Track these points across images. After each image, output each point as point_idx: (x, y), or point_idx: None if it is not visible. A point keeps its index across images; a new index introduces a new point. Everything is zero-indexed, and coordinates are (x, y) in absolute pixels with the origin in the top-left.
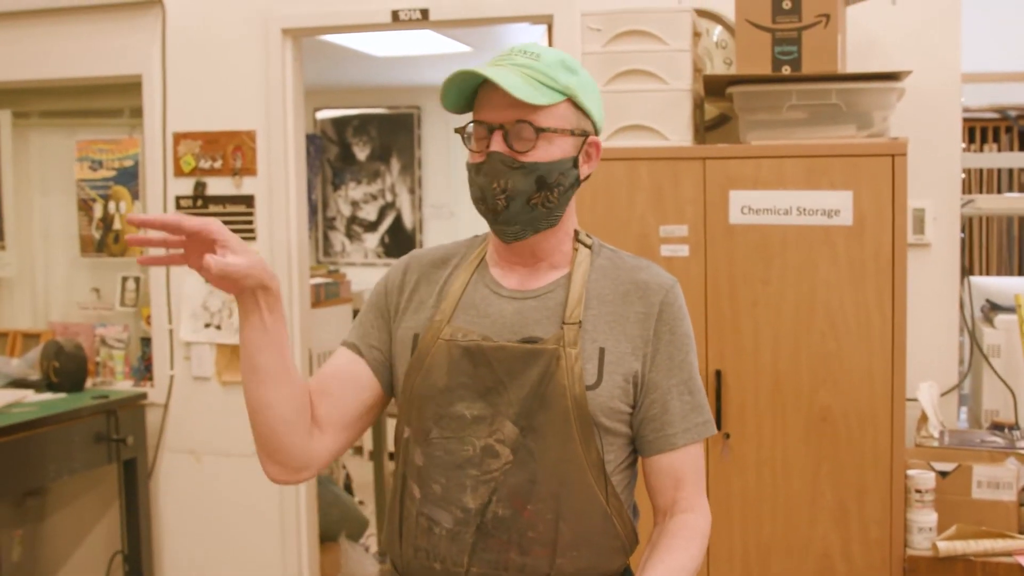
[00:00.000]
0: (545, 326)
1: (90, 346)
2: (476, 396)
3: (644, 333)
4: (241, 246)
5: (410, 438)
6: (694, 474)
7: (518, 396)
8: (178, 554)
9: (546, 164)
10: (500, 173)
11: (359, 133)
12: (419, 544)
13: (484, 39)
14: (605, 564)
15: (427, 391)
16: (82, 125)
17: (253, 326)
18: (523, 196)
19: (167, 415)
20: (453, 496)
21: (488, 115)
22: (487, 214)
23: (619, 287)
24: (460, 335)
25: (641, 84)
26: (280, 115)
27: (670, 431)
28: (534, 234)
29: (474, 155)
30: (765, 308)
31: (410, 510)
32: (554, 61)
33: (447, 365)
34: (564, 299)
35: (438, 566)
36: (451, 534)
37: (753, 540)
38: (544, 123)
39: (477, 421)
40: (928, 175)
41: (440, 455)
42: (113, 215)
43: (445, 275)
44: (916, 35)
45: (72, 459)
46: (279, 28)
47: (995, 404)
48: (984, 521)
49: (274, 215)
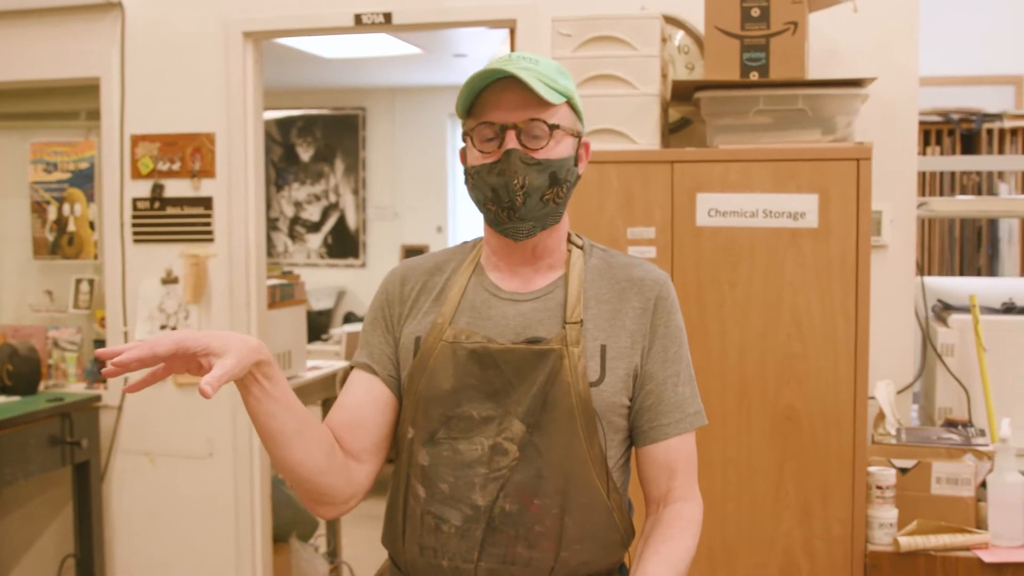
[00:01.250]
0: (548, 326)
1: (42, 348)
2: (484, 397)
3: (641, 327)
4: (220, 341)
5: (414, 439)
6: (687, 463)
7: (526, 395)
8: (131, 556)
9: (558, 161)
10: (518, 170)
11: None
12: (425, 543)
13: (433, 41)
14: (606, 557)
15: (433, 393)
16: (37, 127)
17: (257, 399)
18: (538, 192)
19: (121, 417)
20: (462, 494)
21: (499, 116)
22: (499, 215)
23: (615, 285)
24: (464, 337)
25: (611, 89)
26: (240, 118)
27: (664, 421)
28: (542, 231)
29: (485, 155)
30: (732, 309)
31: (414, 509)
32: (552, 66)
33: (453, 367)
34: (563, 299)
35: (446, 563)
36: (460, 531)
37: (719, 538)
38: (554, 121)
39: (486, 421)
40: (886, 179)
41: (448, 455)
42: (68, 217)
43: (442, 280)
44: (876, 43)
45: (28, 463)
46: (240, 31)
47: (948, 402)
48: (943, 516)
49: (233, 217)
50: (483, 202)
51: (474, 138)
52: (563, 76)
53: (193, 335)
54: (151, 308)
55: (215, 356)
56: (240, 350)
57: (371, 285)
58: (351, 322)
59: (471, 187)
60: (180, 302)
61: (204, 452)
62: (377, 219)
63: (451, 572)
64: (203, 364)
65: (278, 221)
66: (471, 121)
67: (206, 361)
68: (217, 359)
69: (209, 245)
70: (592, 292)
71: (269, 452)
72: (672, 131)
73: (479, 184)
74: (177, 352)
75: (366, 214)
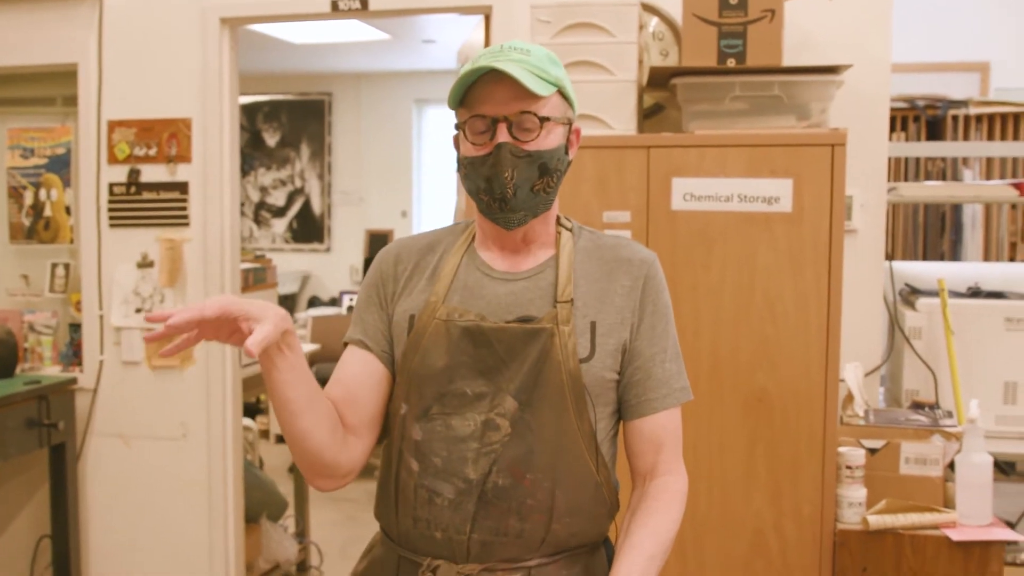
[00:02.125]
0: (538, 305)
1: (18, 332)
2: (477, 374)
3: (630, 304)
4: (258, 308)
5: (407, 414)
6: (673, 438)
7: (518, 373)
8: (105, 537)
9: (548, 152)
10: (508, 163)
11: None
12: (419, 515)
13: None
14: (594, 529)
15: (426, 370)
16: (13, 113)
17: (279, 368)
18: (528, 184)
19: (96, 399)
20: (455, 468)
21: (491, 109)
22: (491, 205)
23: (603, 265)
24: (457, 315)
25: (588, 75)
26: (216, 103)
27: (652, 395)
28: (533, 219)
29: (476, 148)
30: (706, 292)
31: (407, 483)
32: (543, 55)
33: (447, 345)
34: (554, 279)
35: (439, 535)
36: (453, 504)
37: (688, 517)
38: (544, 113)
39: (479, 398)
40: (857, 164)
41: (441, 430)
42: (44, 202)
43: (435, 259)
44: (849, 30)
45: (5, 445)
46: (217, 17)
47: (915, 384)
48: (912, 496)
49: (208, 202)
50: (476, 192)
51: (466, 130)
52: (554, 65)
53: (236, 300)
54: (126, 292)
55: (254, 321)
56: (274, 318)
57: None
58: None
59: (464, 177)
60: (155, 286)
61: (178, 434)
62: (342, 204)
63: (444, 543)
64: (243, 328)
65: (244, 206)
66: (464, 112)
67: (246, 326)
68: (256, 324)
69: (184, 229)
70: (581, 272)
71: (282, 420)
72: (646, 116)
73: (472, 175)
74: (221, 316)
75: (331, 199)
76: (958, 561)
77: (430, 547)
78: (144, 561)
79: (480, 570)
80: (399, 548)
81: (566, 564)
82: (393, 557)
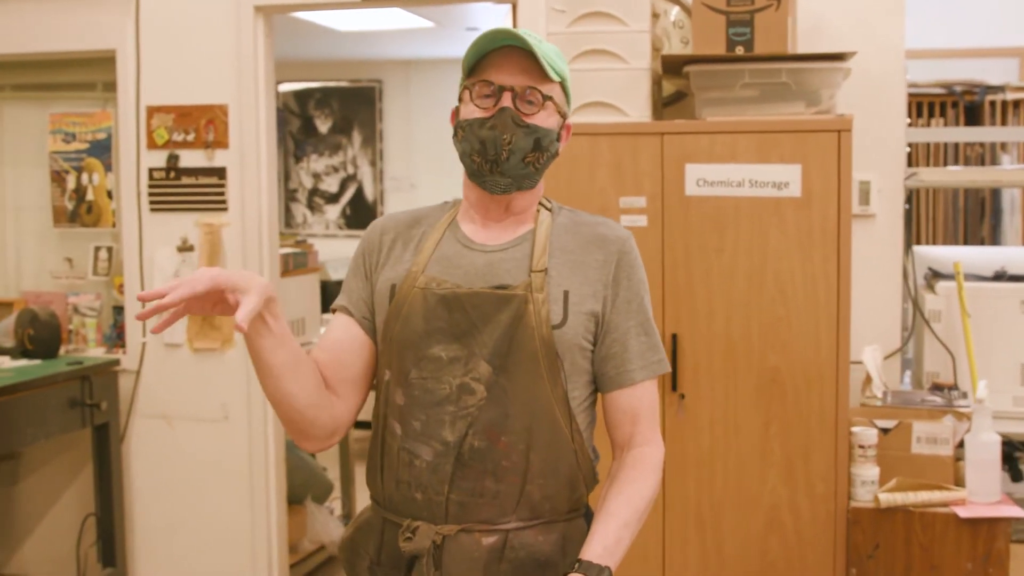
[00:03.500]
0: (514, 274)
1: (63, 314)
2: (452, 339)
3: (604, 278)
4: (243, 279)
5: (390, 380)
6: (649, 410)
7: (491, 338)
8: (149, 516)
9: (544, 129)
10: (507, 128)
11: (321, 106)
12: (400, 477)
13: (447, 15)
14: (569, 493)
15: (406, 336)
16: (55, 98)
17: (261, 334)
18: (521, 152)
19: (139, 381)
20: (433, 431)
21: (502, 78)
22: (483, 165)
23: (579, 239)
24: (435, 284)
25: (602, 63)
26: (252, 90)
27: (630, 367)
28: (518, 191)
29: (479, 110)
30: (718, 275)
31: (391, 446)
32: (552, 49)
33: (424, 312)
34: (530, 251)
35: (419, 496)
36: (431, 466)
37: (706, 494)
38: (548, 92)
39: (453, 362)
40: (874, 149)
41: (419, 394)
42: (86, 186)
43: (419, 233)
44: (863, 16)
45: (48, 424)
46: (252, 5)
47: (936, 367)
48: (923, 474)
49: (246, 187)
50: (469, 153)
51: (473, 93)
52: (561, 60)
53: (224, 273)
54: (167, 275)
55: (241, 292)
56: (258, 287)
57: None
58: None
59: (460, 140)
60: (195, 269)
61: (219, 416)
62: (394, 190)
63: (424, 504)
64: (229, 300)
65: (297, 192)
66: (472, 78)
67: (232, 297)
68: (243, 295)
69: (223, 214)
70: (558, 244)
71: (265, 385)
72: (667, 104)
73: (468, 136)
74: (211, 289)
75: (383, 185)
76: (966, 538)
77: (411, 508)
78: (187, 540)
79: (458, 531)
80: (384, 511)
81: (543, 530)
82: (378, 520)
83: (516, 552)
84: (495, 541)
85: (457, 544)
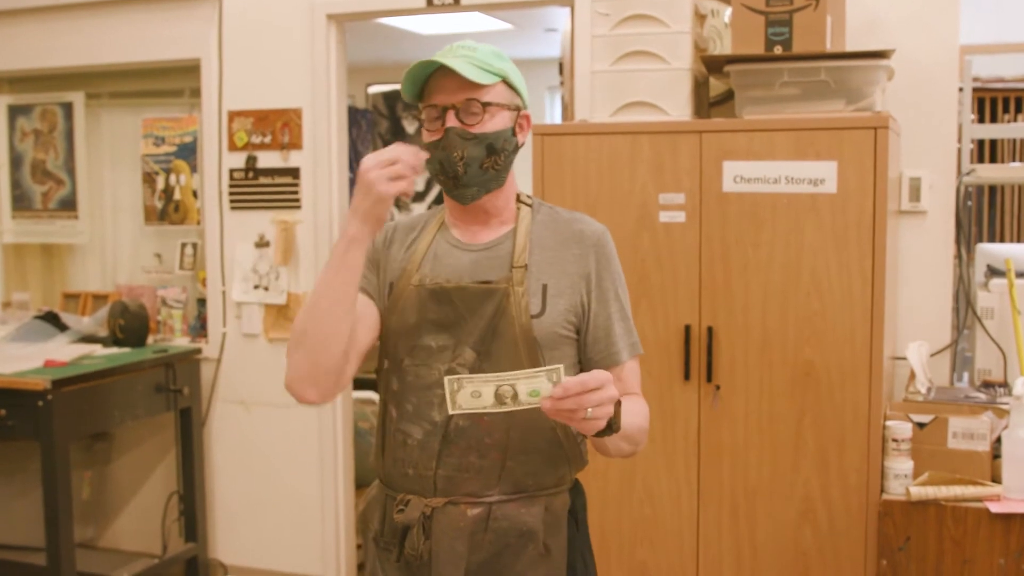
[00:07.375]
0: (496, 271)
1: (152, 306)
2: (441, 329)
3: (580, 270)
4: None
5: (388, 368)
6: (636, 384)
7: (476, 327)
8: (228, 495)
9: (493, 133)
10: (457, 145)
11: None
12: (396, 456)
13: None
14: (552, 472)
15: (400, 328)
16: (147, 105)
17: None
18: (477, 162)
19: (219, 368)
20: (423, 412)
21: (441, 98)
22: (447, 183)
23: (558, 236)
24: (427, 280)
25: (644, 64)
26: (324, 94)
27: (615, 349)
28: (486, 194)
29: (431, 134)
30: (755, 270)
31: (389, 428)
32: (488, 51)
33: (417, 305)
34: (511, 248)
35: (411, 471)
36: (421, 444)
37: (741, 484)
38: (487, 99)
39: (442, 349)
40: (925, 146)
41: (411, 380)
42: (174, 187)
43: (414, 236)
44: (915, 12)
45: (135, 406)
46: (324, 14)
47: (987, 364)
48: (958, 469)
49: (318, 186)
50: (435, 174)
51: (424, 119)
52: (499, 59)
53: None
54: (246, 270)
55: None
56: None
57: None
58: None
59: (427, 164)
60: (271, 264)
61: (292, 402)
62: None
63: (415, 479)
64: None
65: None
66: (422, 105)
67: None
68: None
69: (296, 212)
70: (537, 241)
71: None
72: (715, 103)
73: (431, 160)
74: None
75: None
76: (998, 533)
77: (405, 484)
78: (263, 517)
79: (445, 503)
80: (386, 488)
81: (525, 503)
82: (382, 496)
83: (499, 523)
84: (480, 512)
85: (445, 515)
